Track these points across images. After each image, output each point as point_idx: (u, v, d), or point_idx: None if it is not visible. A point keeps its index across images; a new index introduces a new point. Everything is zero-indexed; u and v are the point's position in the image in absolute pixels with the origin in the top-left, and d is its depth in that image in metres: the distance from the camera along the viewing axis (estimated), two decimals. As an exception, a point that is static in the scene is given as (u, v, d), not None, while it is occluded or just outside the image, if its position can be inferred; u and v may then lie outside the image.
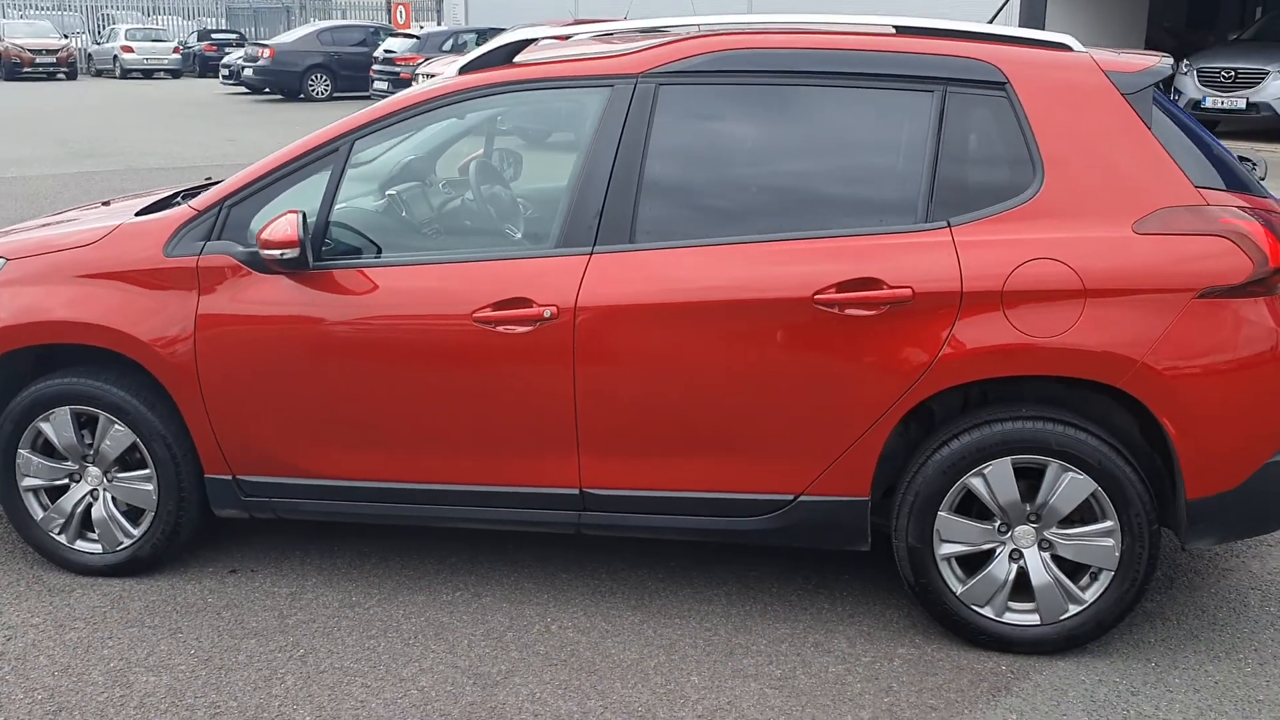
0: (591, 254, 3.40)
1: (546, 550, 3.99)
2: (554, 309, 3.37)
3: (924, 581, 3.40)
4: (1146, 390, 3.17)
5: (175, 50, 35.07)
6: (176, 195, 4.08)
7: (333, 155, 3.58)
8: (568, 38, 4.12)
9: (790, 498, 3.41)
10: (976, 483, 3.31)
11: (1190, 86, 16.06)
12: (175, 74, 34.47)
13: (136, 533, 3.82)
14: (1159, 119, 3.33)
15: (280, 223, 3.38)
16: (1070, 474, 3.25)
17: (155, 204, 3.99)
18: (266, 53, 24.91)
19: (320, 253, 3.55)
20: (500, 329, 3.40)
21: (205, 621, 3.59)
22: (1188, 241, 3.17)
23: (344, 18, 37.54)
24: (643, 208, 3.40)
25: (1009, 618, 3.39)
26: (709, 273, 3.34)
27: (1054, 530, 3.33)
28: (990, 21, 3.81)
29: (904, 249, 3.25)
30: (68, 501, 3.83)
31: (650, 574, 3.86)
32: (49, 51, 33.67)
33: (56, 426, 3.75)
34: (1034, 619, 3.38)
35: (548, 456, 3.50)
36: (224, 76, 27.72)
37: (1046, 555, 3.35)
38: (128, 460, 3.78)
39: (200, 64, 34.36)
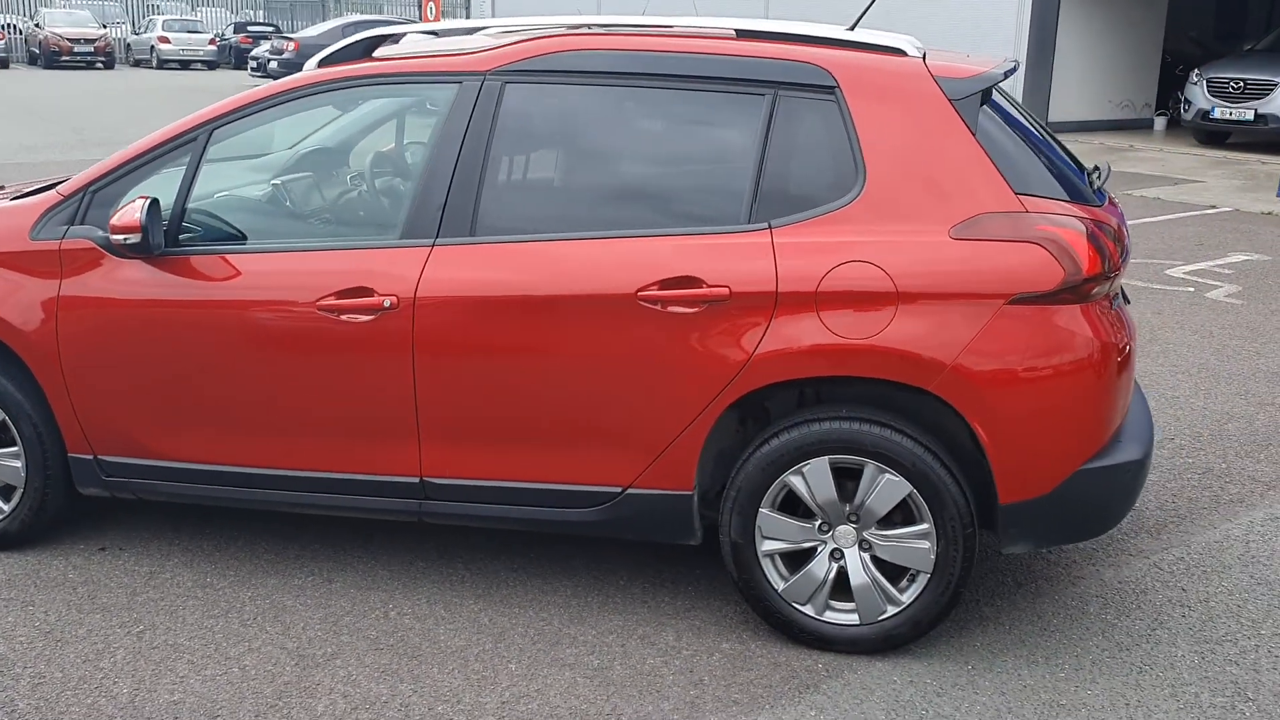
0: (434, 246, 3.47)
1: (408, 540, 4.07)
2: (394, 299, 3.44)
3: (747, 577, 3.45)
4: (957, 394, 3.20)
5: (211, 42, 35.56)
6: (57, 182, 4.19)
7: (191, 144, 3.68)
8: (437, 34, 4.20)
9: (619, 490, 3.46)
10: (796, 481, 3.35)
11: (1200, 96, 15.91)
12: (211, 65, 34.96)
13: (7, 508, 3.94)
14: (991, 126, 3.36)
15: (127, 208, 3.48)
16: (886, 475, 3.29)
17: (35, 190, 4.10)
18: (291, 46, 25.18)
19: (178, 239, 3.64)
20: (343, 317, 3.48)
21: (59, 596, 3.70)
22: (1001, 247, 3.19)
23: (380, 13, 37.84)
24: (484, 201, 3.47)
25: (829, 616, 3.43)
26: (540, 267, 3.40)
27: (873, 531, 3.36)
28: (853, 26, 3.83)
29: (725, 249, 3.30)
30: (-57, 476, 3.96)
31: (504, 565, 3.93)
32: (87, 41, 34.22)
33: (-71, 403, 3.88)
34: (854, 618, 3.41)
35: (390, 445, 3.57)
36: (252, 69, 28.04)
37: (866, 556, 3.39)
38: (2, 440, 3.90)
39: (235, 56, 34.79)
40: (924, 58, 3.41)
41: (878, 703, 3.21)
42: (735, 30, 3.56)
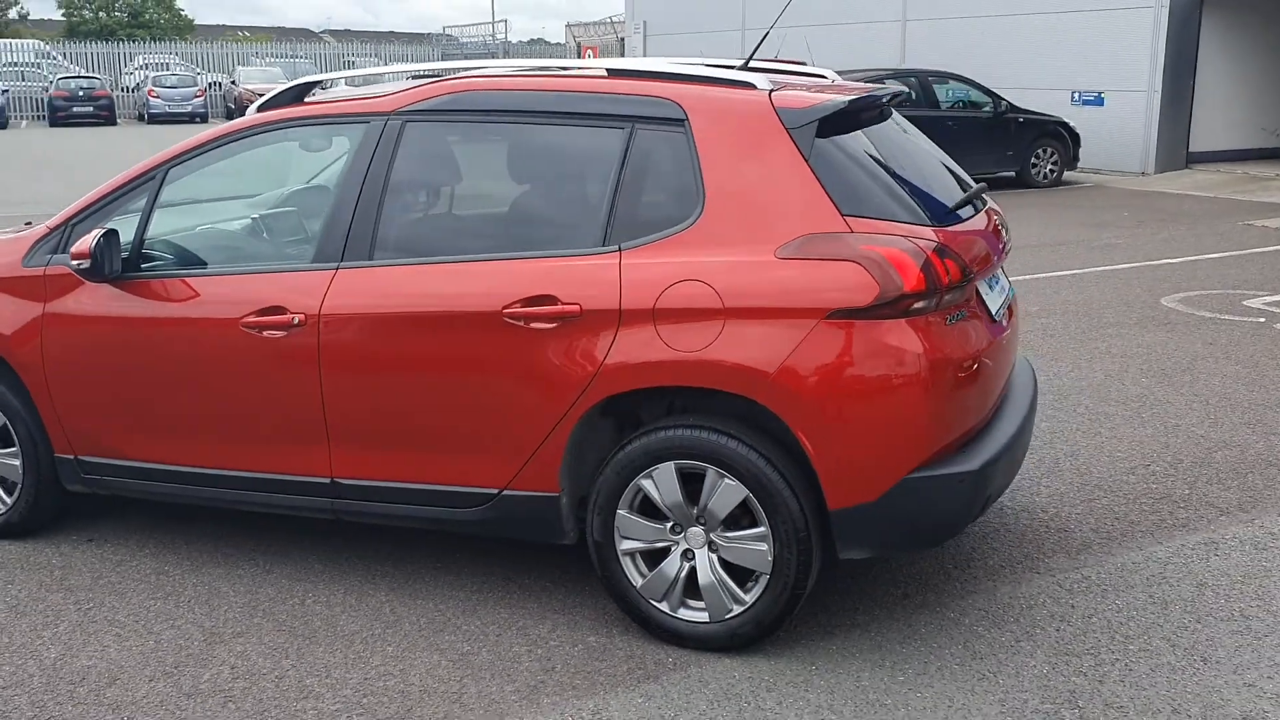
0: (337, 269, 3.88)
1: (351, 539, 4.45)
2: (302, 316, 3.86)
3: (608, 574, 3.70)
4: (780, 403, 3.39)
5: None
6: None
7: (149, 182, 4.20)
8: (361, 80, 4.64)
9: (495, 492, 3.78)
10: (647, 484, 3.59)
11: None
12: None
13: (9, 502, 4.52)
14: (834, 152, 3.55)
15: (84, 239, 4.02)
16: (725, 480, 3.50)
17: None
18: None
19: (139, 265, 4.16)
20: (264, 333, 3.92)
21: (36, 577, 4.24)
22: (822, 265, 3.38)
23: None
24: (381, 228, 3.86)
25: (683, 614, 3.65)
26: (425, 287, 3.76)
27: (718, 533, 3.57)
28: (746, 61, 4.08)
29: (580, 270, 3.59)
30: (-42, 472, 4.58)
31: (426, 563, 4.27)
32: (277, 96, 36.65)
33: (-55, 409, 4.51)
34: (704, 616, 3.62)
35: (304, 448, 3.98)
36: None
37: (714, 557, 3.59)
38: (2, 439, 4.49)
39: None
40: (772, 91, 3.62)
41: (706, 695, 3.40)
42: (607, 70, 3.87)
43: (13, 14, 78.29)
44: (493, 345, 3.66)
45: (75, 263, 4.03)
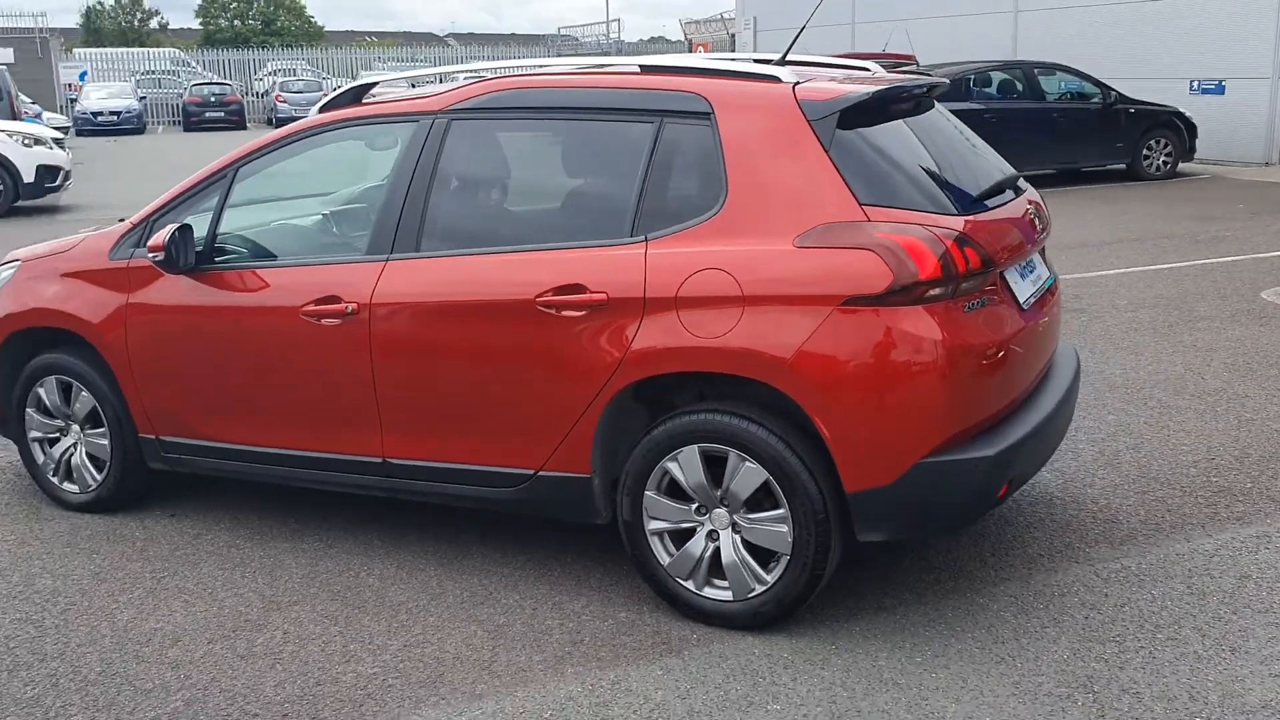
0: (388, 260, 4.10)
1: (410, 517, 4.66)
2: (355, 305, 4.09)
3: (637, 554, 3.84)
4: (797, 388, 3.48)
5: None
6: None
7: (221, 180, 4.48)
8: (414, 83, 4.85)
9: (531, 473, 3.94)
10: (673, 466, 3.72)
11: None
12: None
13: (100, 478, 4.86)
14: (856, 141, 3.62)
15: (159, 233, 4.31)
16: (746, 463, 3.60)
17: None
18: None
19: (213, 258, 4.45)
20: (321, 321, 4.16)
21: (119, 548, 4.56)
22: (838, 254, 3.46)
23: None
24: (428, 221, 4.07)
25: (708, 592, 3.76)
26: (465, 277, 3.95)
27: (741, 514, 3.68)
28: (783, 56, 4.16)
29: (609, 260, 3.73)
30: (57, 450, 4.94)
31: (477, 541, 4.46)
32: (395, 99, 37.63)
33: (45, 391, 4.87)
34: (728, 595, 3.73)
35: (359, 429, 4.21)
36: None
37: (737, 538, 3.70)
38: (94, 420, 4.83)
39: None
40: (796, 85, 3.71)
41: (724, 669, 3.52)
42: (640, 66, 4.00)
43: (154, 24, 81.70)
44: (527, 332, 3.82)
45: (151, 255, 4.33)
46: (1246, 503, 4.67)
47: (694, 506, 3.74)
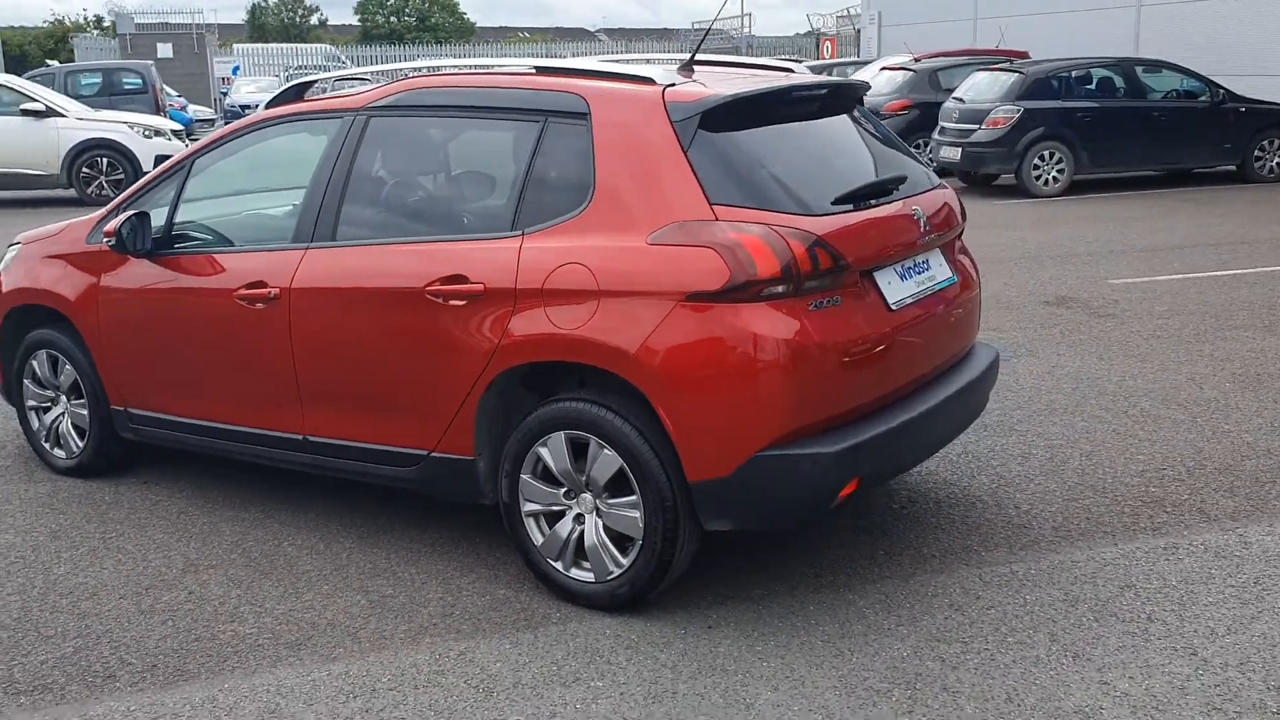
0: (307, 249, 4.37)
1: (357, 493, 4.91)
2: (277, 290, 4.38)
3: (515, 534, 4.03)
4: (642, 379, 3.61)
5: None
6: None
7: (179, 172, 4.83)
8: (350, 79, 5.10)
9: (425, 453, 4.16)
10: (544, 451, 3.88)
11: None
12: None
13: (82, 445, 5.28)
14: (719, 143, 3.73)
15: (115, 220, 4.67)
16: (604, 450, 3.75)
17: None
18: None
19: (171, 244, 4.79)
20: (252, 305, 4.46)
21: (84, 510, 4.95)
22: (684, 251, 3.57)
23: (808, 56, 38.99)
24: (344, 212, 4.32)
25: (574, 573, 3.92)
26: (371, 266, 4.19)
27: (602, 499, 3.82)
28: (691, 57, 4.27)
29: (489, 252, 3.92)
30: (48, 418, 5.38)
31: (400, 518, 4.70)
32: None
33: (38, 363, 5.30)
34: (590, 576, 3.88)
35: (284, 407, 4.50)
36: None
37: (599, 521, 3.85)
38: (77, 391, 5.25)
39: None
40: (668, 86, 3.83)
41: (568, 647, 3.66)
42: (535, 67, 4.17)
43: (314, 20, 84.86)
44: (419, 319, 4.04)
45: (105, 240, 4.69)
46: (1174, 514, 4.58)
47: (563, 491, 3.90)
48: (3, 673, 3.61)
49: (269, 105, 4.83)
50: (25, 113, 15.67)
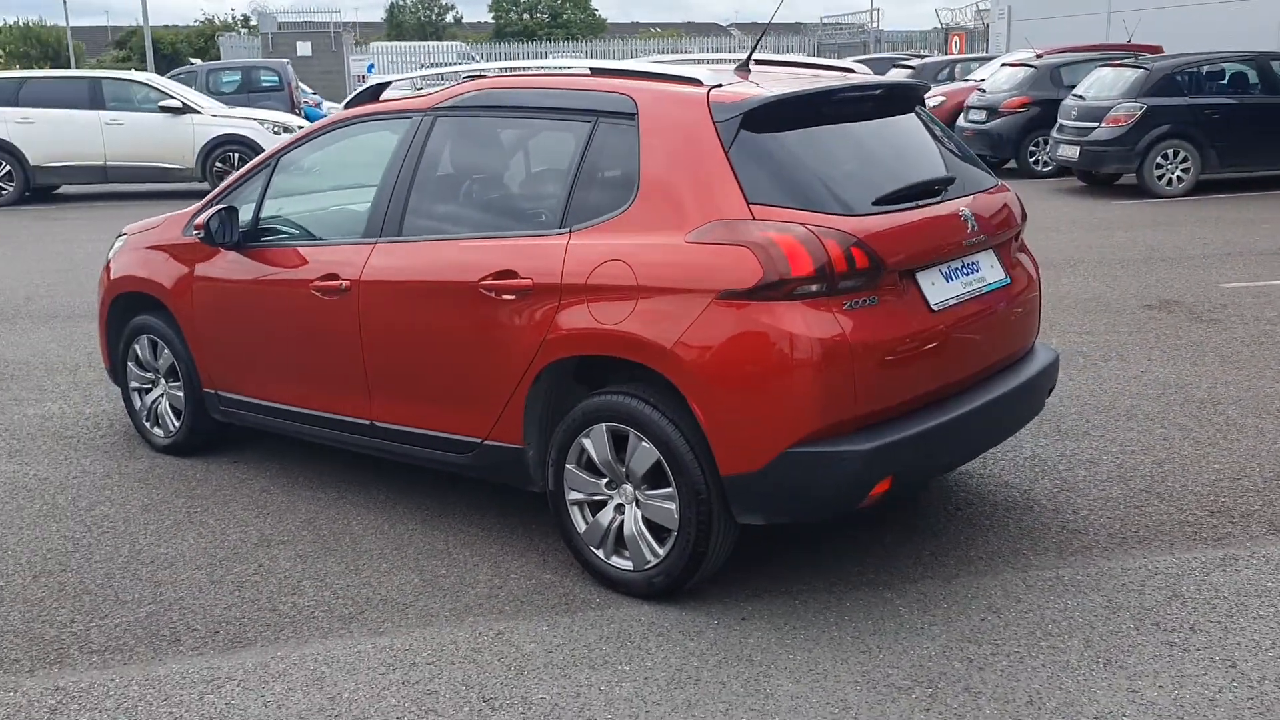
0: (376, 243, 4.57)
1: (422, 476, 5.12)
2: (348, 282, 4.59)
3: (560, 521, 4.16)
4: (677, 374, 3.70)
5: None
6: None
7: (265, 169, 5.08)
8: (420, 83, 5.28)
9: (479, 441, 4.32)
10: (586, 442, 4.00)
11: None
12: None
13: (177, 425, 5.60)
14: (764, 143, 3.79)
15: (205, 214, 4.95)
16: (643, 443, 3.85)
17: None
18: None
19: (258, 237, 5.06)
20: (325, 296, 4.69)
21: (174, 485, 5.26)
22: (720, 249, 3.65)
23: (934, 51, 38.27)
24: (410, 208, 4.50)
25: (614, 560, 4.03)
26: (433, 260, 4.37)
27: (641, 490, 3.92)
28: (747, 59, 4.33)
29: (539, 249, 4.05)
30: (149, 398, 5.72)
31: (461, 503, 4.88)
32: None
33: (140, 347, 5.65)
34: (629, 565, 3.99)
35: (353, 393, 4.71)
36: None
37: (638, 512, 3.95)
38: (173, 374, 5.57)
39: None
40: (714, 87, 3.90)
41: (601, 632, 3.78)
42: (590, 69, 4.28)
43: (449, 18, 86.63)
44: (474, 312, 4.20)
45: (195, 233, 4.98)
46: (1240, 525, 4.47)
47: (604, 481, 4.01)
48: (81, 632, 3.89)
49: (347, 105, 5.05)
50: (163, 109, 16.46)
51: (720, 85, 3.93)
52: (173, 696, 3.49)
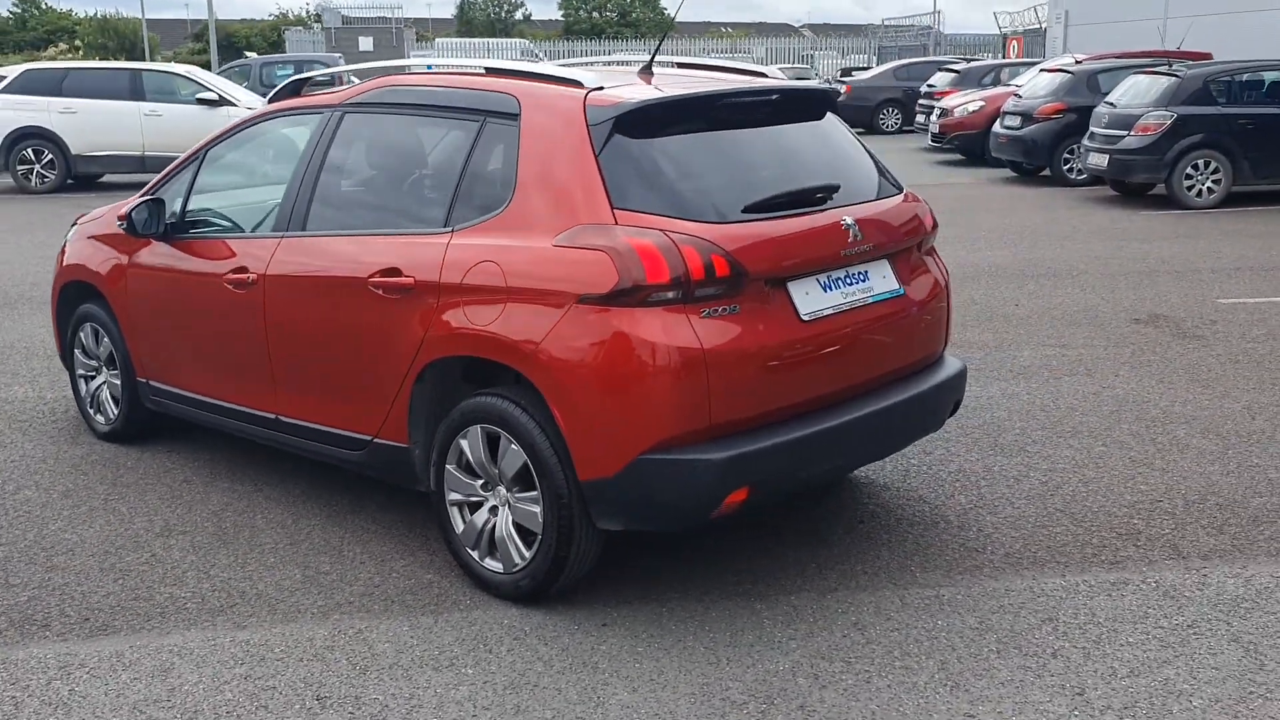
0: (283, 238, 4.61)
1: (345, 474, 5.16)
2: (255, 275, 4.64)
3: (441, 522, 4.16)
4: (539, 378, 3.68)
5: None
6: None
7: (193, 162, 5.15)
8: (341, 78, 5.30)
9: (369, 439, 4.34)
10: (464, 443, 4.00)
11: None
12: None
13: (115, 414, 5.70)
14: (632, 149, 3.75)
15: (128, 204, 5.03)
16: (512, 445, 3.84)
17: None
18: (845, 89, 26.72)
19: (185, 229, 5.13)
20: (236, 290, 4.74)
21: (102, 473, 5.34)
22: (581, 254, 3.62)
23: (993, 55, 37.82)
24: (313, 203, 4.54)
25: (488, 562, 4.03)
26: (329, 256, 4.39)
27: (512, 493, 3.91)
28: (649, 62, 4.30)
29: (421, 247, 4.06)
30: (93, 385, 5.82)
31: (371, 500, 4.90)
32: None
33: (84, 334, 5.75)
34: (499, 567, 3.98)
35: (260, 386, 4.75)
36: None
37: (509, 514, 3.94)
38: (112, 362, 5.67)
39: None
40: (592, 90, 3.87)
41: (458, 634, 3.77)
42: (485, 69, 4.27)
43: (519, 15, 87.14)
44: (362, 309, 4.21)
45: (118, 223, 5.06)
46: (1143, 549, 4.35)
47: (480, 483, 4.01)
48: (-41, 614, 3.97)
49: (269, 100, 5.10)
50: (201, 101, 16.75)
51: (601, 88, 3.90)
52: (20, 680, 3.54)
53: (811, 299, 3.84)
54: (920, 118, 22.55)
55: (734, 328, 3.62)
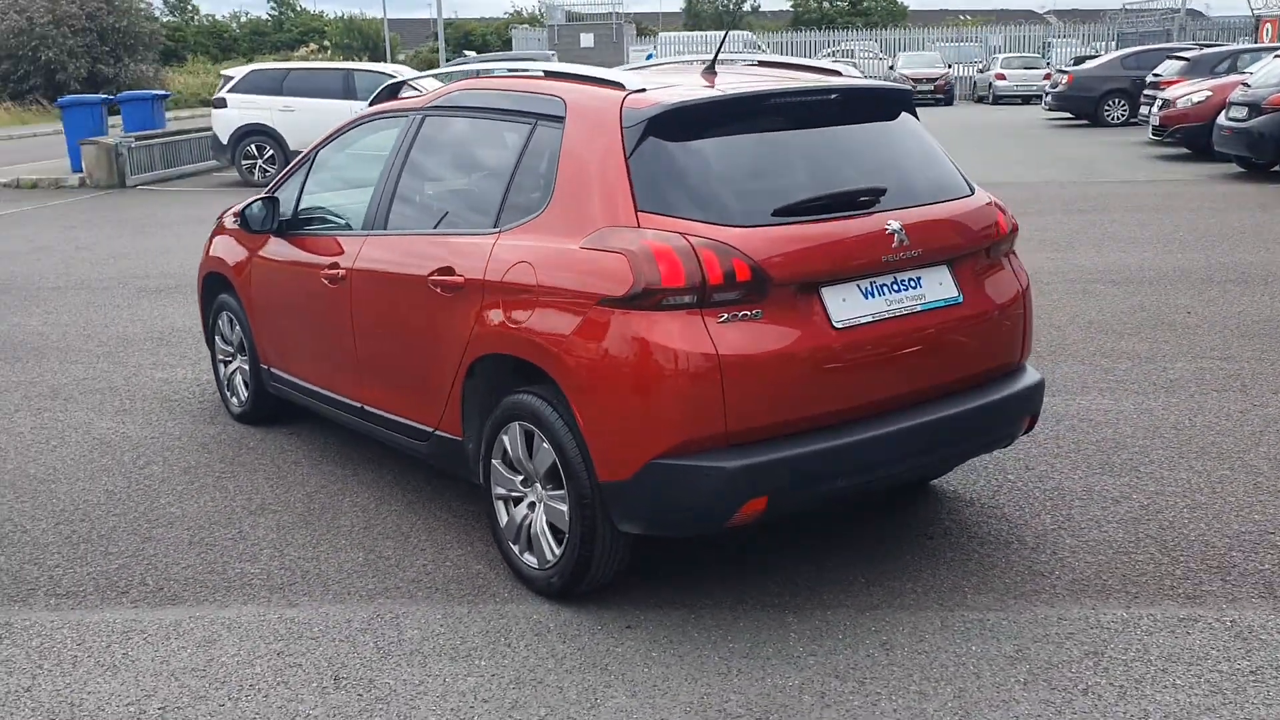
0: (368, 236, 4.82)
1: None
2: (344, 271, 4.87)
3: (488, 515, 4.26)
4: (563, 378, 3.72)
5: (1045, 77, 36.57)
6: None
7: (307, 163, 5.44)
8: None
9: (431, 430, 4.49)
10: (505, 439, 4.09)
11: None
12: (1028, 100, 36.01)
13: (245, 397, 6.09)
14: (662, 151, 3.73)
15: (242, 203, 5.35)
16: (544, 443, 3.90)
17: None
18: (1066, 79, 25.48)
19: (299, 225, 5.43)
20: (331, 284, 4.99)
21: (223, 452, 5.72)
22: (603, 256, 3.63)
23: (1212, 38, 35.43)
24: (394, 203, 4.72)
25: (526, 557, 4.10)
26: (402, 253, 4.56)
27: (545, 490, 3.97)
28: (712, 61, 4.26)
29: (472, 247, 4.16)
30: (228, 370, 6.23)
31: (450, 487, 5.07)
32: (928, 80, 37.56)
33: (221, 322, 6.17)
34: (535, 562, 4.05)
35: (349, 376, 4.99)
36: (1046, 103, 28.67)
37: (544, 511, 4.00)
38: (243, 348, 6.06)
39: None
40: (632, 93, 3.86)
41: (489, 625, 3.85)
42: (544, 72, 4.33)
43: (746, 6, 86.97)
44: (425, 305, 4.36)
45: (232, 219, 5.39)
46: (1228, 585, 4.01)
47: (520, 478, 4.08)
48: (57, 577, 4.34)
49: (370, 103, 5.32)
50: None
51: (642, 90, 3.89)
52: (86, 642, 3.85)
53: (849, 306, 3.72)
54: (1144, 109, 21.25)
55: (756, 334, 3.55)
